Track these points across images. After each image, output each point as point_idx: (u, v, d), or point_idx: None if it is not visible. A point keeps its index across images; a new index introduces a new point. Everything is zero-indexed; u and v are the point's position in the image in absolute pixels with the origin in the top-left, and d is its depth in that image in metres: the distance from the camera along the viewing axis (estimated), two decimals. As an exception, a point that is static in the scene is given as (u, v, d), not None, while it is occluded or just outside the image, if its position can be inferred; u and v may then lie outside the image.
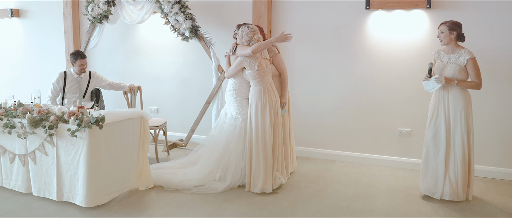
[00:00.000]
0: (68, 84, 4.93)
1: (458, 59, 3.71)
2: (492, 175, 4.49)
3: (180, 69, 5.89)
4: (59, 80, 4.94)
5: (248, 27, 4.06)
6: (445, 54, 3.81)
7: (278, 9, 5.18)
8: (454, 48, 3.76)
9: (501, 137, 4.45)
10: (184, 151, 5.47)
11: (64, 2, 6.34)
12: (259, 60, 4.03)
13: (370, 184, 4.28)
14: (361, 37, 4.83)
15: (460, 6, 4.41)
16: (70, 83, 4.94)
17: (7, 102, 4.15)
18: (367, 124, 4.94)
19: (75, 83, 4.95)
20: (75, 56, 4.93)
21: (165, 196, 3.91)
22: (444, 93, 3.80)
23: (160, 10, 5.16)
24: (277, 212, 3.59)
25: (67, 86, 4.93)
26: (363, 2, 4.74)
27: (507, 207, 3.76)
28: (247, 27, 4.06)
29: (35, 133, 3.76)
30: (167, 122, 5.26)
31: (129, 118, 3.91)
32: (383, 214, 3.59)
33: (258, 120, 4.01)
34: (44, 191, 3.83)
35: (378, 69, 4.82)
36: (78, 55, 4.92)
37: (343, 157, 5.08)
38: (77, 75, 4.96)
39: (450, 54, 3.78)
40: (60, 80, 4.93)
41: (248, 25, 4.08)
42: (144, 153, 4.07)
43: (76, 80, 4.95)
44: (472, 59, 3.68)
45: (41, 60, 6.84)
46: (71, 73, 4.96)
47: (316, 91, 5.11)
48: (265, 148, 4.00)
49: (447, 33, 3.72)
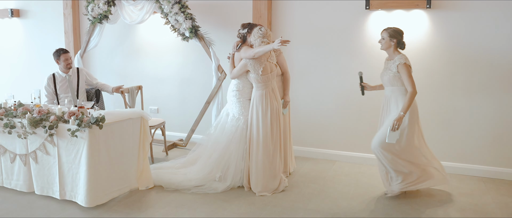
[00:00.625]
0: (58, 84, 4.93)
1: (392, 65, 3.77)
2: (492, 175, 4.49)
3: (180, 69, 5.89)
4: (49, 83, 4.93)
5: (260, 29, 4.03)
6: (386, 61, 3.91)
7: (278, 9, 5.18)
8: (392, 55, 3.84)
9: (501, 137, 4.45)
10: (184, 151, 5.47)
11: (64, 2, 6.34)
12: (264, 64, 4.01)
13: (370, 184, 4.28)
14: (361, 37, 4.83)
15: (460, 6, 4.41)
16: (60, 83, 4.93)
17: (7, 102, 4.16)
18: (367, 124, 4.94)
19: (65, 82, 4.94)
20: (58, 52, 4.92)
21: (165, 196, 3.91)
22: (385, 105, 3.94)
23: (160, 10, 5.16)
24: (277, 212, 3.59)
25: (58, 87, 4.93)
26: (363, 2, 4.74)
27: (507, 207, 3.76)
28: (260, 29, 4.03)
29: (35, 133, 3.76)
30: (165, 122, 5.24)
31: (129, 118, 3.91)
32: (383, 214, 3.59)
33: (259, 125, 4.00)
34: (47, 189, 3.84)
35: (378, 69, 4.80)
36: (60, 51, 4.92)
37: (343, 157, 5.08)
38: (65, 74, 4.95)
39: (389, 60, 3.87)
40: (50, 83, 4.93)
41: (261, 28, 4.04)
42: (144, 153, 4.07)
43: (65, 79, 4.94)
44: (403, 65, 3.71)
45: (41, 60, 6.84)
46: (59, 74, 4.96)
47: (316, 91, 5.11)
48: (266, 153, 3.99)
49: (387, 39, 3.80)
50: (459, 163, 4.62)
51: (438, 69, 4.58)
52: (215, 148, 4.18)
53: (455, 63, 4.51)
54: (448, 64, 4.53)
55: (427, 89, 4.64)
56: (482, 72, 4.43)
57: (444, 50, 4.53)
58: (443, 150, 4.66)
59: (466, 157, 4.59)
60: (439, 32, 4.52)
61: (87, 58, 6.34)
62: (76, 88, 4.99)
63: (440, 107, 4.62)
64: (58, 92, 4.92)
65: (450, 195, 4.01)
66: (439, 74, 4.58)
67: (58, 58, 4.91)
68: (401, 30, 3.81)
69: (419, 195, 3.97)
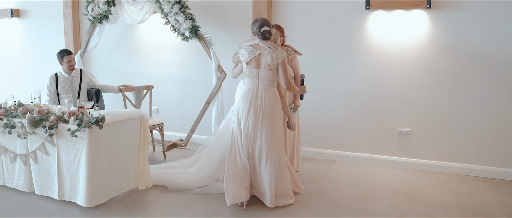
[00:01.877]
0: (60, 85, 4.93)
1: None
2: (492, 175, 4.49)
3: (180, 69, 5.89)
4: (51, 82, 4.94)
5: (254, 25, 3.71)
6: None
7: (278, 9, 5.18)
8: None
9: (501, 137, 4.45)
10: (184, 151, 5.47)
11: (64, 2, 6.34)
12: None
13: (370, 184, 4.28)
14: (361, 37, 4.83)
15: (460, 6, 4.41)
16: (62, 83, 4.94)
17: (7, 102, 4.16)
18: (367, 124, 4.94)
19: (67, 83, 4.94)
20: (61, 53, 4.93)
21: (165, 196, 3.91)
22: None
23: (160, 10, 5.16)
24: (277, 212, 3.59)
25: (59, 87, 4.93)
26: (363, 2, 4.74)
27: (507, 207, 3.76)
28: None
29: (35, 133, 3.76)
30: (163, 123, 5.20)
31: (129, 118, 3.91)
32: (383, 214, 3.59)
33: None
34: (46, 190, 3.84)
35: (378, 69, 4.82)
36: (64, 52, 4.93)
37: (343, 157, 5.08)
38: (67, 75, 4.95)
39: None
40: (52, 82, 4.94)
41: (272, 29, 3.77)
42: (144, 153, 4.06)
43: (67, 80, 4.94)
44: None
45: (41, 60, 6.84)
46: (61, 74, 4.96)
47: (316, 91, 5.11)
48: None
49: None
50: (459, 163, 4.62)
51: (438, 69, 4.58)
52: (219, 147, 4.14)
53: (455, 63, 4.51)
54: (448, 64, 4.53)
55: (427, 89, 4.64)
56: (482, 72, 4.43)
57: (444, 50, 4.53)
58: (443, 150, 4.67)
59: (466, 157, 4.59)
60: (439, 32, 4.52)
61: (87, 58, 6.34)
62: (78, 90, 4.99)
63: (440, 107, 4.62)
64: (59, 92, 4.93)
65: (450, 195, 4.01)
66: (439, 74, 4.58)
67: (61, 59, 4.93)
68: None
69: (419, 195, 3.97)
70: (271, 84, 3.62)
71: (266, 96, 3.59)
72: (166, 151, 5.36)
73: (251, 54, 3.58)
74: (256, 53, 3.58)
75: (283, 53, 3.57)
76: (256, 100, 3.60)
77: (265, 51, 3.57)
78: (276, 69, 3.57)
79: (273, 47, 3.57)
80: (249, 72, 3.63)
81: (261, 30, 3.57)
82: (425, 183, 4.32)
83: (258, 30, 3.59)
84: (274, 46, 3.59)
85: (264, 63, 3.57)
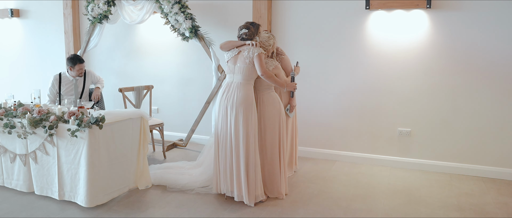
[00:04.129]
0: (63, 87, 4.91)
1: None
2: (492, 175, 4.49)
3: (180, 69, 5.89)
4: (54, 84, 4.92)
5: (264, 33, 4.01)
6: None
7: (278, 9, 5.18)
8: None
9: (501, 137, 4.45)
10: (184, 151, 5.47)
11: (64, 2, 6.34)
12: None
13: (370, 184, 4.28)
14: (361, 37, 4.83)
15: (460, 6, 4.41)
16: (65, 85, 4.92)
17: (7, 102, 4.16)
18: (367, 124, 4.94)
19: (71, 85, 4.93)
20: (74, 61, 4.86)
21: (165, 196, 3.91)
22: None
23: (160, 10, 5.16)
24: (277, 212, 3.59)
25: (62, 89, 4.90)
26: (363, 2, 4.74)
27: (507, 207, 3.76)
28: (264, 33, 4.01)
29: (35, 133, 3.76)
30: (163, 123, 5.19)
31: (129, 118, 3.91)
32: (383, 214, 3.59)
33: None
34: (46, 190, 3.84)
35: (378, 69, 4.82)
36: (76, 60, 4.86)
37: (343, 157, 5.08)
38: (72, 77, 4.94)
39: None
40: (55, 84, 4.92)
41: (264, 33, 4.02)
42: (144, 153, 4.07)
43: (71, 83, 4.93)
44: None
45: (41, 60, 6.85)
46: (66, 76, 4.94)
47: (315, 91, 5.11)
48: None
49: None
50: (459, 163, 4.62)
51: (438, 69, 4.58)
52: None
53: (455, 63, 4.51)
54: (448, 64, 4.53)
55: (427, 89, 4.64)
56: (482, 72, 4.43)
57: (444, 50, 4.53)
58: (443, 150, 4.67)
59: (466, 157, 4.59)
60: (439, 32, 4.52)
61: (87, 58, 6.34)
62: (81, 92, 4.98)
63: (440, 107, 4.62)
64: (62, 93, 4.91)
65: (450, 195, 4.01)
66: (439, 74, 4.58)
67: (73, 66, 4.86)
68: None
69: (419, 195, 3.97)
70: (245, 79, 3.74)
71: (238, 91, 3.72)
72: (166, 151, 5.36)
73: (233, 52, 3.87)
74: (237, 52, 3.83)
75: (260, 49, 3.74)
76: (227, 93, 3.78)
77: (245, 47, 3.79)
78: (251, 63, 3.72)
79: (252, 45, 3.78)
80: (227, 68, 3.91)
81: (239, 33, 3.88)
82: (425, 183, 4.33)
83: (238, 33, 3.90)
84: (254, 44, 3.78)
85: (241, 58, 3.76)
